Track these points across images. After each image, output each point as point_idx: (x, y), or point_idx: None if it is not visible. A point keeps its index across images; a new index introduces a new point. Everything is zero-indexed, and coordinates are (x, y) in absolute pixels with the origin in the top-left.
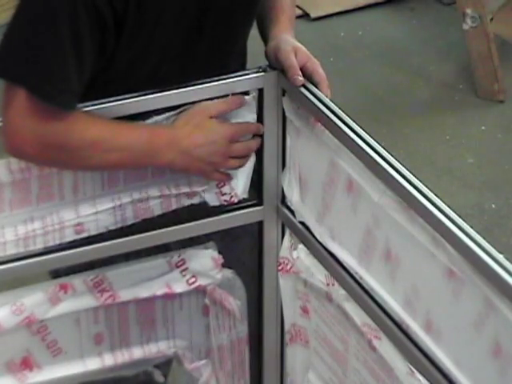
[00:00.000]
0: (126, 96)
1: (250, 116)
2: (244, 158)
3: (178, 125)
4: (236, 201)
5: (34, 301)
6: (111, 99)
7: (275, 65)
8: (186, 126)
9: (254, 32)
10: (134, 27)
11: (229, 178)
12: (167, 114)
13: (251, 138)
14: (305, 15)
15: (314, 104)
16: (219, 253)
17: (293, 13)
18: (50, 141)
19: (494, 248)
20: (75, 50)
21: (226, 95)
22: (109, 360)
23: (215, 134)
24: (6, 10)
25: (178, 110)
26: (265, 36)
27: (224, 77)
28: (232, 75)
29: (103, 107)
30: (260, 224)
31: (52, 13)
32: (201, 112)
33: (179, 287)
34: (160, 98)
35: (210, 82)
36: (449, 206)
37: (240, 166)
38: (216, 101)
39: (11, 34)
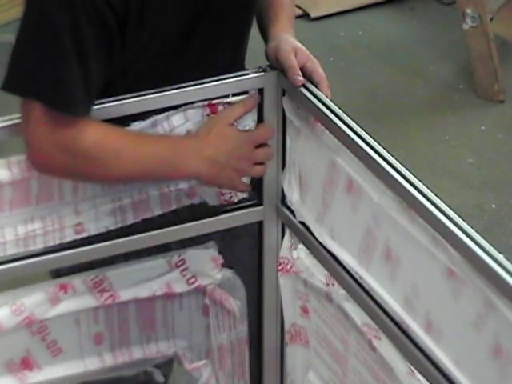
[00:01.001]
0: (126, 96)
1: (250, 117)
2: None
3: (200, 134)
4: (236, 201)
5: (34, 301)
6: (111, 99)
7: (275, 65)
8: (208, 135)
9: (253, 32)
10: (135, 29)
11: (249, 188)
12: (167, 114)
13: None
14: (305, 15)
15: (314, 104)
16: (219, 253)
17: (292, 11)
18: (73, 150)
19: (494, 248)
20: (82, 57)
21: (226, 95)
22: (109, 360)
23: (238, 140)
24: (6, 10)
25: (181, 109)
26: (265, 35)
27: (224, 77)
28: (232, 75)
29: (103, 107)
30: (260, 224)
31: (54, 25)
32: (220, 120)
33: (179, 287)
34: (160, 98)
35: (209, 82)
36: (449, 206)
37: (264, 173)
38: (232, 106)
39: (18, 50)
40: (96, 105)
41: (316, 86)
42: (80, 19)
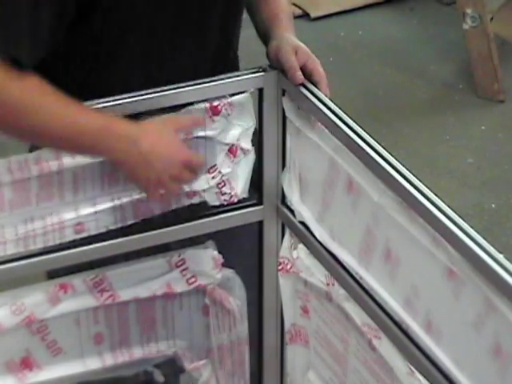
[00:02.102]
0: (125, 96)
1: (250, 117)
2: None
3: (144, 126)
4: (236, 200)
5: (33, 301)
6: (110, 99)
7: (276, 65)
8: (151, 131)
9: (253, 31)
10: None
11: (165, 203)
12: (167, 115)
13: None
14: (305, 15)
15: (314, 104)
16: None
17: (290, 9)
18: (2, 99)
19: (494, 248)
20: (34, 7)
21: (226, 95)
22: (109, 360)
23: (175, 150)
24: None
25: (185, 111)
26: (264, 36)
27: (224, 76)
28: (232, 75)
29: (102, 107)
30: (260, 224)
31: None
32: (168, 123)
33: (179, 287)
34: (160, 98)
35: (209, 82)
36: (449, 206)
37: (175, 194)
38: (182, 116)
39: None
40: (95, 105)
41: (315, 85)
42: None
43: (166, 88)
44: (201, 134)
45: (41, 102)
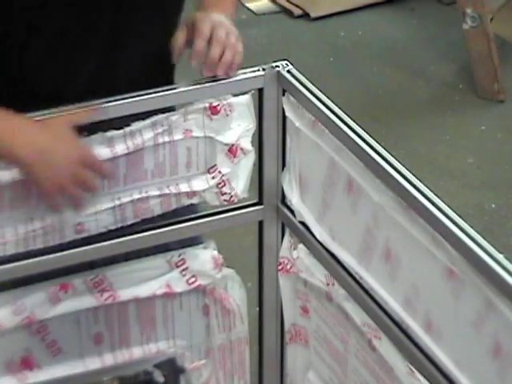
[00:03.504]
0: (125, 96)
1: (250, 117)
2: (80, 200)
3: (37, 123)
4: (236, 200)
5: (34, 301)
6: (110, 99)
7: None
8: (45, 127)
9: (253, 31)
10: None
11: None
12: (167, 114)
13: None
14: (305, 15)
15: (314, 104)
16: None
17: None
18: None
19: (494, 248)
20: None
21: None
22: (109, 360)
23: (70, 145)
24: None
25: (184, 110)
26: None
27: (223, 76)
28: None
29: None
30: (260, 224)
31: None
32: (59, 119)
33: (179, 287)
34: (160, 98)
35: (209, 82)
36: (449, 206)
37: (77, 205)
38: (78, 112)
39: None
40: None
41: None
42: None
43: (165, 88)
44: (200, 134)
45: None
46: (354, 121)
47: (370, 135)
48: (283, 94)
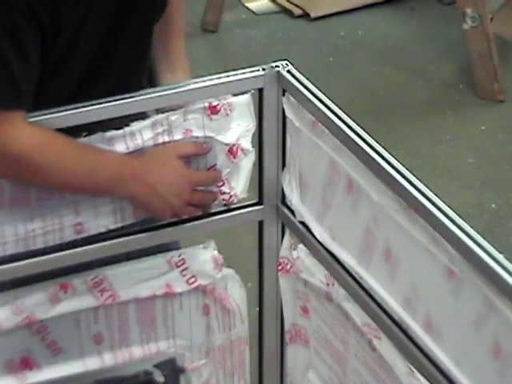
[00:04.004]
0: (125, 96)
1: (250, 117)
2: (198, 208)
3: (147, 159)
4: (235, 200)
5: (34, 301)
6: (110, 99)
7: None
8: (154, 161)
9: (253, 31)
10: (68, 28)
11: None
12: (167, 114)
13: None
14: (305, 15)
15: (314, 104)
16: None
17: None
18: (4, 153)
19: (494, 248)
20: (17, 54)
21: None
22: (109, 360)
23: (180, 176)
24: None
25: (184, 110)
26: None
27: (223, 75)
28: (231, 73)
29: (101, 107)
30: (260, 224)
31: None
32: (170, 150)
33: (179, 287)
34: (159, 98)
35: (209, 81)
36: (449, 206)
37: (193, 214)
38: (185, 142)
39: None
40: (94, 104)
41: None
42: (14, 17)
43: (165, 88)
44: (200, 133)
45: (53, 152)
46: (354, 121)
47: (370, 135)
48: (283, 94)
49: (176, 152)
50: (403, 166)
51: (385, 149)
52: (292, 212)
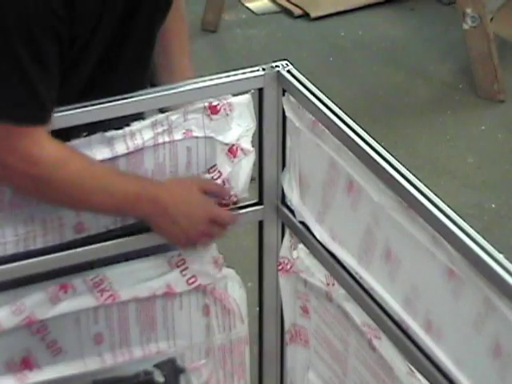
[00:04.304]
0: (125, 96)
1: (250, 117)
2: (214, 238)
3: (168, 186)
4: (235, 200)
5: (34, 301)
6: (110, 99)
7: None
8: (175, 189)
9: (253, 32)
10: (82, 36)
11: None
12: (167, 114)
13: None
14: (305, 15)
15: (314, 104)
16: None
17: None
18: (33, 166)
19: (494, 248)
20: (41, 71)
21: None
22: (109, 360)
23: (200, 209)
24: None
25: (184, 110)
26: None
27: (223, 75)
28: (231, 73)
29: (101, 107)
30: (260, 224)
31: (7, 37)
32: (194, 182)
33: (179, 287)
34: (159, 98)
35: (209, 81)
36: (449, 206)
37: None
38: (210, 180)
39: None
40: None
41: None
42: (34, 32)
43: (165, 88)
44: (200, 134)
45: (78, 174)
46: (354, 121)
47: (370, 135)
48: (283, 94)
49: (198, 184)
50: (403, 166)
51: (385, 149)
52: (292, 212)
